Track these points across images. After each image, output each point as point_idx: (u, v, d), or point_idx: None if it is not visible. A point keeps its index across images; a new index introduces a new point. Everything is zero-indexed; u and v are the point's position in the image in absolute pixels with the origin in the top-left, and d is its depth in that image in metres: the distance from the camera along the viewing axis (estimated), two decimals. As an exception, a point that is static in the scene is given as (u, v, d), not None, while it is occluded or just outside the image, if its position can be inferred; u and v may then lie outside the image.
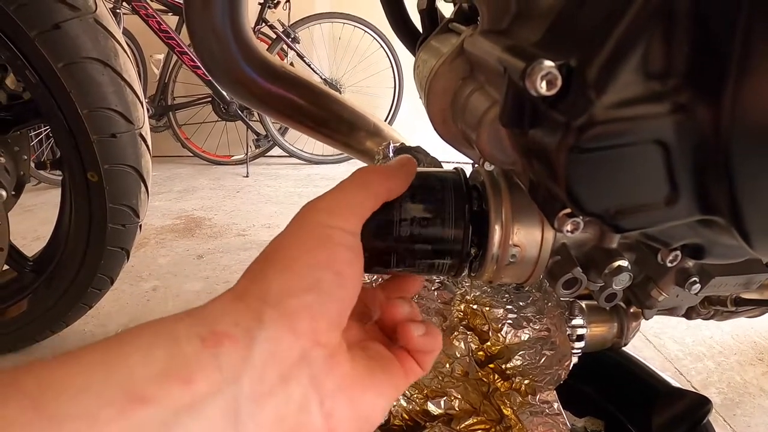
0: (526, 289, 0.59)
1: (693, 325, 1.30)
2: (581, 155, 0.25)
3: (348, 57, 3.11)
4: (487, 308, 0.61)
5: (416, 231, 0.37)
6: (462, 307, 0.63)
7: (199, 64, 2.64)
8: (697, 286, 0.52)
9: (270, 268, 0.30)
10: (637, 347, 0.85)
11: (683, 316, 0.73)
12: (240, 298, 0.28)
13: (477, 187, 0.41)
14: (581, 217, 0.30)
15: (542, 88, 0.25)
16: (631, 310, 0.61)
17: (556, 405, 0.57)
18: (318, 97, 0.93)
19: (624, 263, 0.45)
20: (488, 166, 0.41)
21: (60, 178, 2.22)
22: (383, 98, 3.10)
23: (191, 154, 3.03)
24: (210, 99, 2.92)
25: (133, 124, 0.96)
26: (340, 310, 0.30)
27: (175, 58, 2.78)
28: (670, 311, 0.61)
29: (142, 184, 1.02)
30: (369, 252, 0.37)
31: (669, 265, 0.36)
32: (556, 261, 0.44)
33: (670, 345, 1.24)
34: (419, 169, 0.39)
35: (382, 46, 3.01)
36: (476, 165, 0.45)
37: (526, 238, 0.41)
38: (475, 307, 0.62)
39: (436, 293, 0.63)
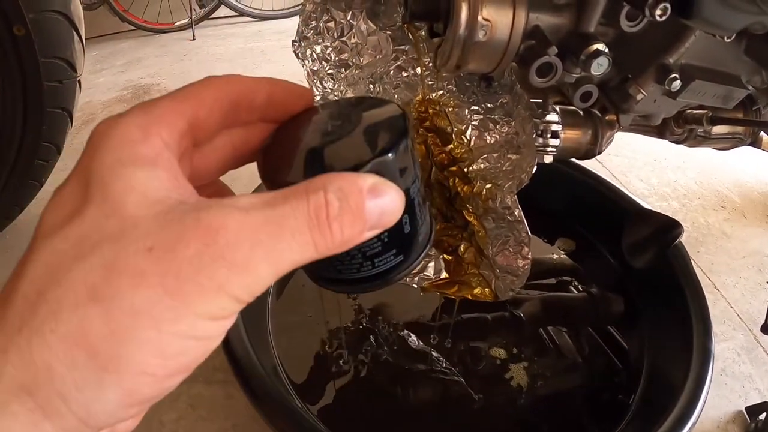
0: (495, 90, 0.55)
1: (659, 167, 1.32)
2: None
3: None
4: (451, 108, 0.56)
5: None
6: (424, 107, 0.58)
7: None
8: (678, 83, 0.49)
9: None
10: (603, 183, 0.85)
11: (656, 134, 0.71)
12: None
13: None
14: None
15: None
16: (607, 118, 0.58)
17: (517, 212, 0.55)
18: None
19: (601, 47, 0.41)
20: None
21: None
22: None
23: (133, 27, 2.80)
24: (145, -37, 2.67)
25: (53, -36, 0.85)
26: None
27: None
28: (646, 120, 0.58)
29: (74, 33, 0.91)
30: None
31: (658, 19, 0.32)
32: (529, 45, 0.40)
33: (636, 183, 1.26)
34: None
35: None
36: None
37: (496, 15, 0.37)
38: (438, 107, 0.58)
39: (396, 96, 0.58)
